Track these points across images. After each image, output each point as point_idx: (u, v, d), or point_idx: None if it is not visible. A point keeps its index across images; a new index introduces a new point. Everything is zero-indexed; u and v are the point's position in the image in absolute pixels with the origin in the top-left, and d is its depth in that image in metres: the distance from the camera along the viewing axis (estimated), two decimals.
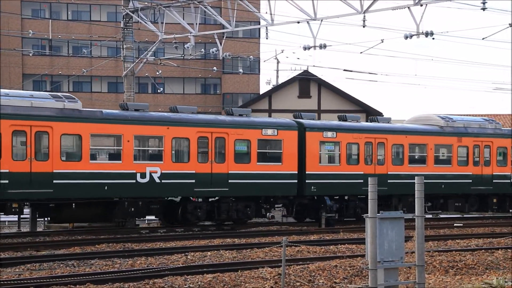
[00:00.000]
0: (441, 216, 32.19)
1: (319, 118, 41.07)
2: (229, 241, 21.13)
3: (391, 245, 10.34)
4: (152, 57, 32.05)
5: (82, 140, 21.86)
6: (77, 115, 21.86)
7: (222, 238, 21.92)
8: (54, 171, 21.25)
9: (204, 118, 24.92)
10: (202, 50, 35.30)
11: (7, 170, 20.50)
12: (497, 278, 13.56)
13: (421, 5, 23.23)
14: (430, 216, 30.02)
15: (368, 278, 10.30)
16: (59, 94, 22.91)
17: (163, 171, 23.11)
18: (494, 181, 30.19)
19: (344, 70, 63.67)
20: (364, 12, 23.92)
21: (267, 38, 28.14)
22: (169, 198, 24.40)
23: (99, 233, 22.60)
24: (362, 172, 26.96)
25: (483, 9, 22.79)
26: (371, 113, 43.29)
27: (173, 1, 29.16)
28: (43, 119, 21.12)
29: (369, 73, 40.19)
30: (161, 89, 45.40)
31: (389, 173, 27.62)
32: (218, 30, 29.50)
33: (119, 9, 44.44)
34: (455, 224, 27.43)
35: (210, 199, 24.84)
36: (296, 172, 25.72)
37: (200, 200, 24.75)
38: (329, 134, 26.45)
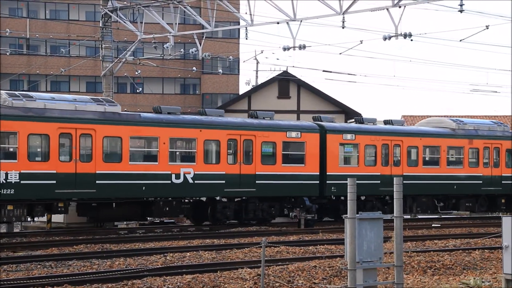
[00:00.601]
0: (419, 216, 32.48)
1: (298, 119, 41.17)
2: (209, 242, 21.10)
3: (370, 246, 10.38)
4: (131, 57, 31.88)
5: (122, 142, 22.80)
6: (117, 118, 22.85)
7: (201, 239, 21.88)
8: (97, 172, 22.20)
9: (233, 121, 25.81)
10: (182, 50, 35.18)
11: (55, 171, 21.45)
12: (474, 278, 13.67)
13: (400, 7, 23.34)
14: (444, 216, 31.09)
15: (347, 279, 10.34)
16: (99, 98, 23.87)
17: (196, 172, 24.03)
18: (503, 182, 31.17)
19: (323, 71, 63.81)
20: (343, 13, 23.99)
21: (246, 39, 28.22)
22: (198, 198, 25.26)
23: (77, 234, 22.47)
24: (379, 173, 27.99)
25: (461, 11, 22.96)
26: (350, 114, 43.44)
27: (152, 1, 29.03)
28: (87, 122, 22.08)
29: (348, 74, 40.31)
30: (140, 89, 45.13)
31: (404, 174, 28.43)
32: (198, 30, 29.43)
33: (97, 8, 44.24)
34: (433, 225, 27.63)
35: (235, 199, 25.69)
36: (318, 173, 26.64)
37: (224, 200, 25.56)
38: (349, 136, 27.51)
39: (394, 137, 28.50)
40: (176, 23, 27.38)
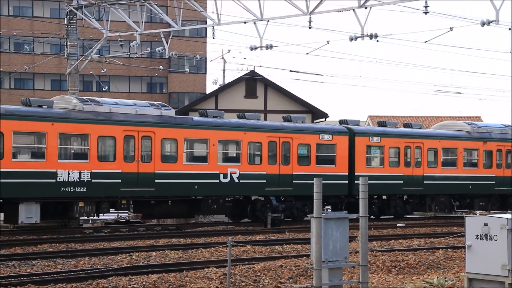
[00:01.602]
0: (384, 216, 32.78)
1: (265, 119, 41.21)
2: (175, 241, 21.02)
3: (336, 245, 10.44)
4: (97, 55, 31.63)
5: (178, 143, 24.35)
6: (173, 121, 24.51)
7: (167, 238, 21.79)
8: (156, 171, 23.76)
9: (273, 124, 27.50)
10: (148, 48, 34.92)
11: (120, 171, 23.09)
12: (437, 277, 13.83)
13: (366, 8, 23.51)
14: (459, 214, 32.32)
15: (313, 278, 10.39)
16: (155, 102, 25.39)
17: (241, 172, 25.69)
18: None
19: (290, 70, 64.09)
20: (310, 14, 24.08)
21: (213, 38, 28.19)
22: (238, 197, 26.57)
23: (41, 233, 22.21)
24: (402, 174, 29.76)
25: (425, 12, 23.20)
26: (317, 114, 43.61)
27: None
28: (147, 125, 23.68)
29: (315, 74, 40.52)
30: (106, 87, 44.81)
31: (425, 174, 30.28)
32: (164, 29, 29.29)
33: (62, 5, 43.72)
34: (398, 224, 27.92)
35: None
36: (347, 174, 28.34)
37: (261, 198, 26.85)
38: (375, 139, 29.24)
39: (415, 140, 30.19)
40: (142, 22, 27.22)
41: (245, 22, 25.45)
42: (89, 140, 22.56)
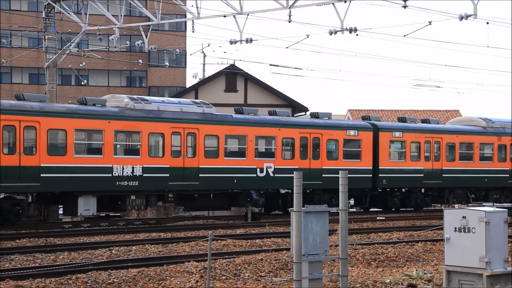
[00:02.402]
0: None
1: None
2: (155, 235, 20.97)
3: (316, 239, 10.46)
4: (76, 49, 31.37)
5: (219, 140, 25.61)
6: (214, 118, 25.69)
7: (147, 233, 21.73)
8: (200, 166, 25.08)
9: (304, 121, 29.00)
10: (127, 42, 34.71)
11: (168, 166, 24.35)
12: (416, 270, 13.92)
13: (345, 1, 23.55)
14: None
15: (293, 271, 10.41)
16: (197, 100, 26.73)
17: (275, 167, 26.96)
18: None
19: (270, 64, 64.06)
20: (289, 7, 24.08)
21: (193, 32, 28.21)
22: (269, 190, 27.64)
23: (19, 228, 22.03)
24: (423, 168, 31.18)
25: (404, 6, 23.29)
26: (297, 108, 43.69)
27: None
28: (192, 122, 24.95)
29: (295, 68, 40.54)
30: (85, 81, 44.50)
31: (444, 168, 31.76)
32: (144, 23, 29.13)
33: None
34: (377, 218, 28.08)
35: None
36: (371, 168, 29.77)
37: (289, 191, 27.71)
38: (397, 134, 30.57)
39: (435, 135, 31.55)
40: (121, 15, 27.06)
41: (224, 16, 25.41)
42: (141, 137, 23.83)
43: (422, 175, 31.08)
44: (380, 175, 30.05)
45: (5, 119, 21.37)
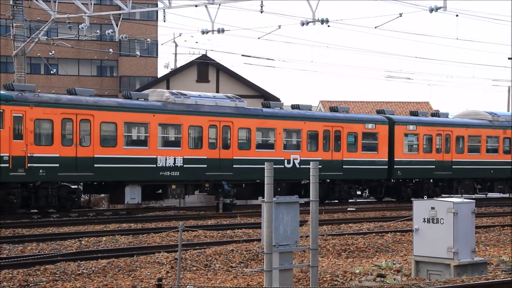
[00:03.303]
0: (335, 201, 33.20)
1: None
2: (125, 226, 20.86)
3: (287, 229, 10.48)
4: (45, 37, 30.96)
5: (251, 132, 26.95)
6: (246, 112, 26.99)
7: (118, 223, 21.60)
8: (234, 157, 26.44)
9: (327, 115, 30.41)
10: (98, 31, 34.40)
11: (206, 157, 25.78)
12: (386, 261, 14.04)
13: None
14: (481, 196, 34.89)
15: (263, 262, 10.42)
16: (229, 95, 27.78)
17: (301, 158, 28.16)
18: None
19: (242, 55, 63.84)
20: None
21: (164, 21, 27.83)
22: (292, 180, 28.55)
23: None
24: (435, 159, 32.52)
25: None
26: (268, 99, 43.56)
27: None
28: (226, 116, 26.30)
29: (267, 58, 40.50)
30: (54, 70, 43.91)
31: (453, 160, 33.10)
32: (114, 11, 28.84)
33: None
34: (348, 209, 28.26)
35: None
36: (387, 160, 31.00)
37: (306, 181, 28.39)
38: (411, 127, 31.81)
39: (446, 128, 32.86)
40: (91, 3, 26.75)
41: (196, 6, 25.25)
42: (182, 129, 25.24)
43: (434, 166, 32.32)
44: (395, 166, 31.26)
45: (64, 113, 22.77)
